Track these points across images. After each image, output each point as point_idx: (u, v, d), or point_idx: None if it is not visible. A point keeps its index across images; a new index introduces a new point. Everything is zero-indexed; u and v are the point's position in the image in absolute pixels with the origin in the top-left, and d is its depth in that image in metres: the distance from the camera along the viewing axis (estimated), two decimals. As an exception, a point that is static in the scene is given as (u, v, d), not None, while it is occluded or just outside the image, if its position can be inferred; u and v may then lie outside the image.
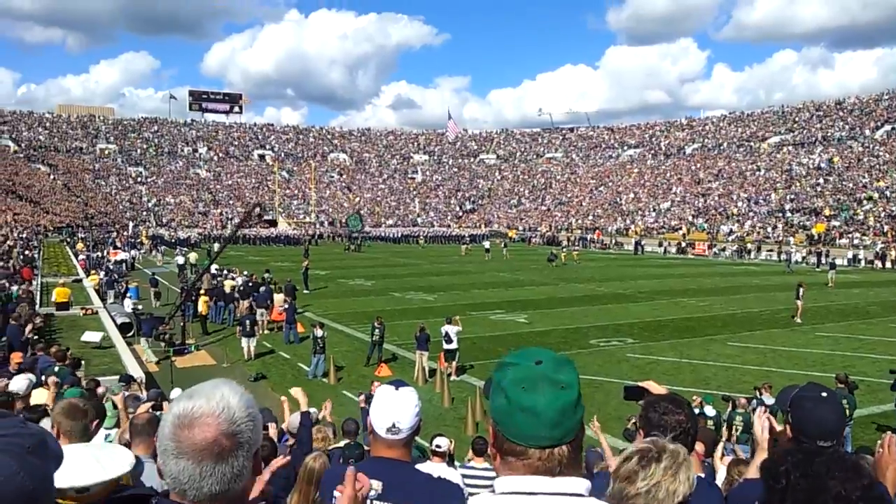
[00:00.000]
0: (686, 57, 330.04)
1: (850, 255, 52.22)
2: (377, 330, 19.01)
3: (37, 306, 20.89)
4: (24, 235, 46.31)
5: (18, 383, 7.34)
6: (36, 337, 14.48)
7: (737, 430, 11.34)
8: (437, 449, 7.02)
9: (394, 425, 2.50)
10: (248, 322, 20.80)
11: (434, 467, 6.21)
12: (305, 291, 32.15)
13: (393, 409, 2.52)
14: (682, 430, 2.42)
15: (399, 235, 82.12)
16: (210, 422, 1.39)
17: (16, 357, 10.81)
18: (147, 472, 3.44)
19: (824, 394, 2.71)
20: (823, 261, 49.44)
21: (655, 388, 2.74)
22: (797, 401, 2.73)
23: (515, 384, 1.52)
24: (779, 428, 2.65)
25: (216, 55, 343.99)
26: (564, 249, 56.45)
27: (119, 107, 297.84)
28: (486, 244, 61.51)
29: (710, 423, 11.39)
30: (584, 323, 25.25)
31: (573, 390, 1.52)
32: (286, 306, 24.15)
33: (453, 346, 17.58)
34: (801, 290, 25.82)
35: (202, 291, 25.58)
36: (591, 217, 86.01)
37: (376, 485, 2.44)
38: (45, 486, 1.28)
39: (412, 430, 2.55)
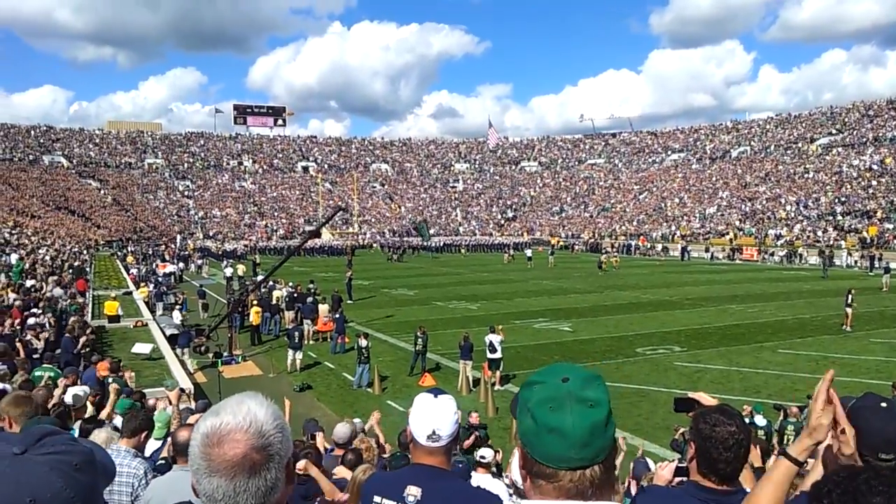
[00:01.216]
0: (731, 59, 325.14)
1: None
2: (420, 339, 19.05)
3: (88, 319, 21.41)
4: (76, 249, 47.52)
5: (73, 395, 7.51)
6: (89, 349, 14.82)
7: (788, 439, 11.06)
8: (482, 460, 6.99)
9: (434, 432, 2.51)
10: (295, 334, 20.89)
11: (480, 479, 6.19)
12: (349, 301, 32.38)
13: (432, 417, 2.53)
14: (734, 441, 2.36)
15: (441, 245, 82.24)
16: (239, 437, 1.38)
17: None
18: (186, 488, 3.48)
19: (884, 404, 2.61)
20: (877, 264, 48.19)
21: (706, 399, 2.68)
22: (855, 412, 2.64)
23: (542, 404, 1.45)
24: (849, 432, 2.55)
25: (261, 69, 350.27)
26: (604, 255, 56.03)
27: (167, 122, 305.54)
28: (529, 252, 60.86)
29: (760, 432, 11.16)
30: (629, 331, 24.95)
31: (603, 408, 1.45)
32: (331, 317, 24.37)
33: (497, 355, 17.54)
34: (851, 296, 24.90)
35: (255, 302, 25.92)
36: (635, 223, 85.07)
37: (415, 491, 2.45)
38: (92, 501, 1.30)
39: (452, 438, 2.56)
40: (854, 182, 71.44)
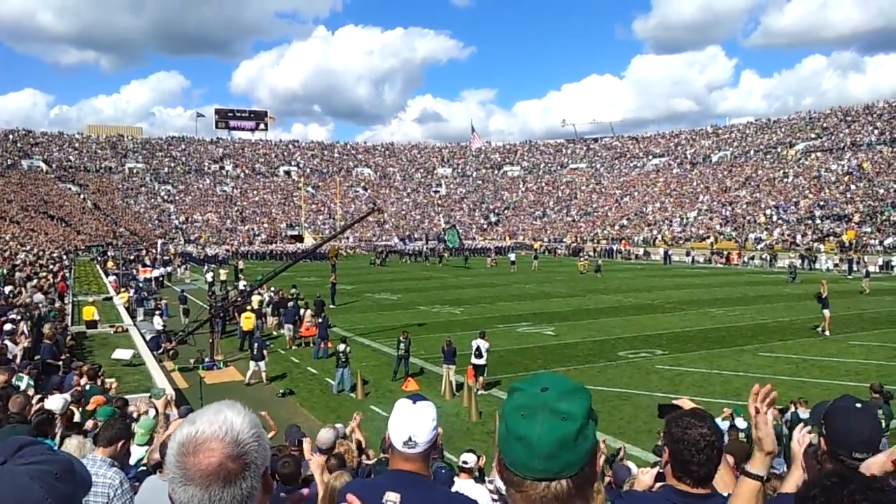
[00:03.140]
0: (714, 64, 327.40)
1: (880, 261, 51.33)
2: (402, 344, 19.03)
3: (68, 324, 21.19)
4: (55, 255, 47.04)
5: (55, 402, 7.44)
6: (68, 356, 14.68)
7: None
8: (464, 465, 7.00)
9: (410, 438, 2.50)
10: (255, 345, 19.93)
11: (462, 484, 6.19)
12: (332, 306, 32.29)
13: (409, 423, 2.53)
14: (706, 443, 2.39)
15: (426, 249, 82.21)
16: (215, 446, 1.37)
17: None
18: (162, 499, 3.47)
19: (858, 405, 2.67)
20: (855, 268, 48.72)
21: (689, 404, 2.71)
22: (831, 412, 2.69)
23: (515, 411, 1.43)
24: (808, 438, 2.60)
25: (244, 73, 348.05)
26: (583, 258, 56.58)
27: (149, 126, 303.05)
28: (512, 256, 60.89)
29: (741, 435, 11.23)
30: (611, 335, 25.06)
31: (575, 422, 1.41)
32: (314, 322, 24.27)
33: (482, 361, 17.51)
34: (824, 296, 24.94)
35: (249, 308, 25.78)
36: (616, 227, 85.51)
37: (393, 497, 2.45)
38: None
39: (429, 444, 2.55)
40: (832, 186, 72.27)
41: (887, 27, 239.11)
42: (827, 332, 24.32)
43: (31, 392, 8.25)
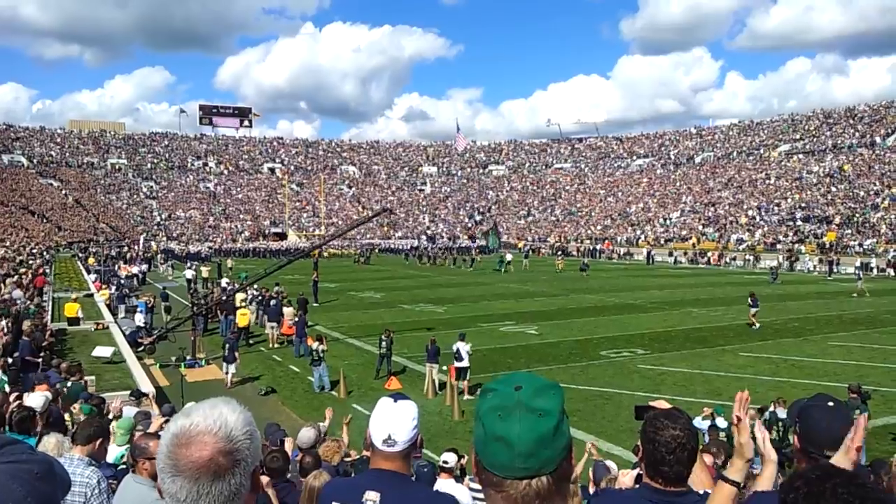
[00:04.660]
0: (699, 66, 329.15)
1: (857, 262, 51.82)
2: (384, 342, 19.00)
3: (48, 321, 21.01)
4: (35, 251, 46.61)
5: (36, 400, 7.38)
6: (48, 353, 14.57)
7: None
8: (445, 465, 7.00)
9: (389, 437, 2.50)
10: (227, 346, 19.34)
11: (443, 484, 6.20)
12: (315, 304, 32.21)
13: (389, 422, 2.53)
14: (677, 444, 2.41)
15: (409, 247, 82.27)
16: (207, 440, 1.38)
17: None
18: (147, 497, 3.45)
19: (831, 403, 2.70)
20: (835, 269, 49.23)
21: (665, 405, 2.73)
22: (805, 411, 2.73)
23: (491, 412, 1.43)
24: (761, 436, 2.63)
25: (229, 69, 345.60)
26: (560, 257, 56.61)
27: (133, 121, 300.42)
28: (509, 257, 58.33)
29: (722, 434, 11.31)
30: (594, 334, 25.16)
31: (552, 418, 1.41)
32: (296, 320, 24.19)
33: (464, 363, 17.45)
34: (753, 299, 26.14)
35: (242, 305, 25.68)
36: (600, 227, 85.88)
37: (374, 496, 2.45)
38: None
39: (409, 443, 2.55)
40: (814, 188, 72.94)
41: (870, 31, 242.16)
42: (756, 325, 25.74)
43: (7, 389, 8.18)
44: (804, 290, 38.85)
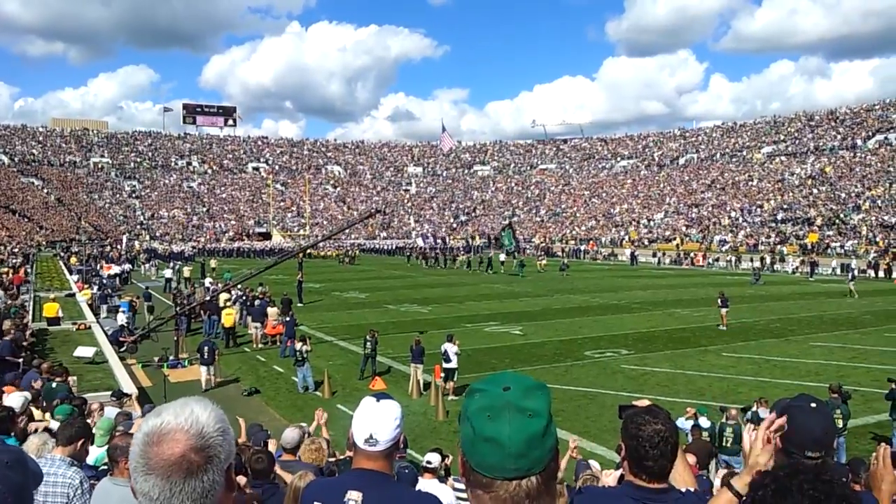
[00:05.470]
0: (684, 68, 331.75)
1: (834, 263, 52.42)
2: (369, 343, 18.97)
3: (28, 321, 20.82)
4: (16, 250, 46.17)
5: (14, 400, 7.31)
6: (28, 353, 14.44)
7: (727, 441, 11.29)
8: (428, 465, 6.99)
9: (371, 436, 2.50)
10: (205, 349, 18.99)
11: (426, 484, 6.19)
12: (299, 304, 32.10)
13: (371, 421, 2.52)
14: (660, 438, 2.42)
15: (393, 247, 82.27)
16: (179, 437, 1.37)
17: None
18: (130, 499, 3.42)
19: (813, 404, 2.71)
20: (818, 270, 49.67)
21: (647, 405, 2.74)
22: (786, 411, 2.74)
23: (480, 412, 1.42)
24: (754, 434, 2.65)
25: (214, 68, 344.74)
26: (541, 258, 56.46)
27: (117, 120, 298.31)
28: (503, 257, 57.24)
29: (705, 434, 11.38)
30: (578, 334, 25.24)
31: (542, 419, 1.41)
32: (281, 320, 24.09)
33: (452, 364, 17.43)
34: (723, 299, 26.60)
35: (228, 304, 25.57)
36: (584, 228, 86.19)
37: (356, 496, 2.44)
38: (22, 499, 1.29)
39: (391, 443, 2.54)
40: (796, 190, 73.57)
41: (853, 34, 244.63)
42: (724, 327, 26.06)
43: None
44: (786, 291, 39.15)
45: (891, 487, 2.62)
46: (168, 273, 42.17)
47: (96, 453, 6.25)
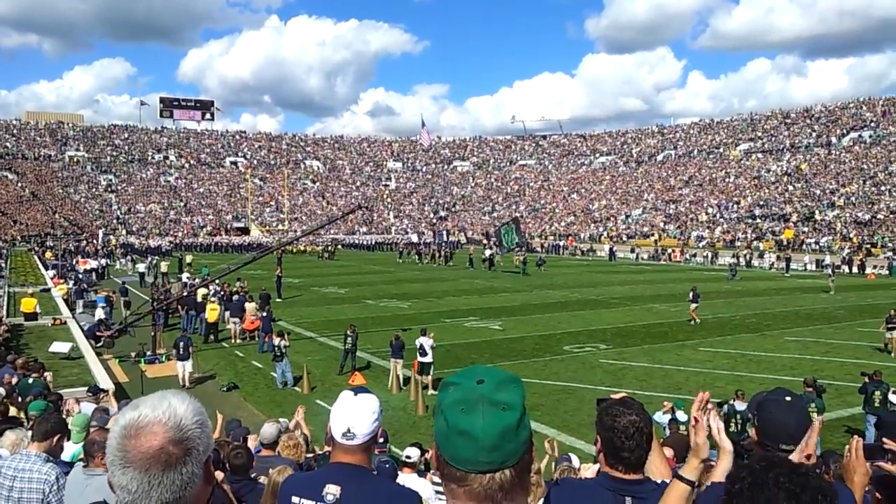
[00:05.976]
0: (663, 65, 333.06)
1: (806, 259, 53.12)
2: (349, 338, 18.94)
3: (3, 316, 20.57)
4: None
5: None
6: (3, 348, 14.27)
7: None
8: (408, 460, 7.01)
9: (349, 430, 2.51)
10: (181, 344, 18.65)
11: (405, 478, 6.21)
12: (278, 300, 31.98)
13: (349, 415, 2.53)
14: (635, 429, 2.46)
15: (373, 243, 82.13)
16: (157, 430, 1.37)
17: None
18: (98, 485, 3.41)
19: (788, 398, 2.75)
20: (793, 265, 50.25)
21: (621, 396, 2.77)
22: (762, 405, 2.78)
23: (454, 406, 1.41)
24: (715, 426, 2.68)
25: (192, 61, 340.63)
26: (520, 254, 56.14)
27: (93, 113, 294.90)
28: (488, 252, 55.69)
29: (682, 428, 11.48)
30: (557, 329, 25.36)
31: (515, 411, 1.41)
32: (259, 315, 23.97)
33: (428, 358, 17.46)
34: (694, 294, 27.00)
35: (212, 299, 25.43)
36: (563, 224, 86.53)
37: (334, 490, 2.45)
38: None
39: (369, 437, 2.55)
40: (772, 187, 74.35)
41: (828, 34, 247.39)
42: (697, 321, 26.34)
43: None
44: (762, 287, 39.58)
45: (863, 479, 2.68)
46: (142, 268, 41.75)
47: (72, 449, 6.19)
